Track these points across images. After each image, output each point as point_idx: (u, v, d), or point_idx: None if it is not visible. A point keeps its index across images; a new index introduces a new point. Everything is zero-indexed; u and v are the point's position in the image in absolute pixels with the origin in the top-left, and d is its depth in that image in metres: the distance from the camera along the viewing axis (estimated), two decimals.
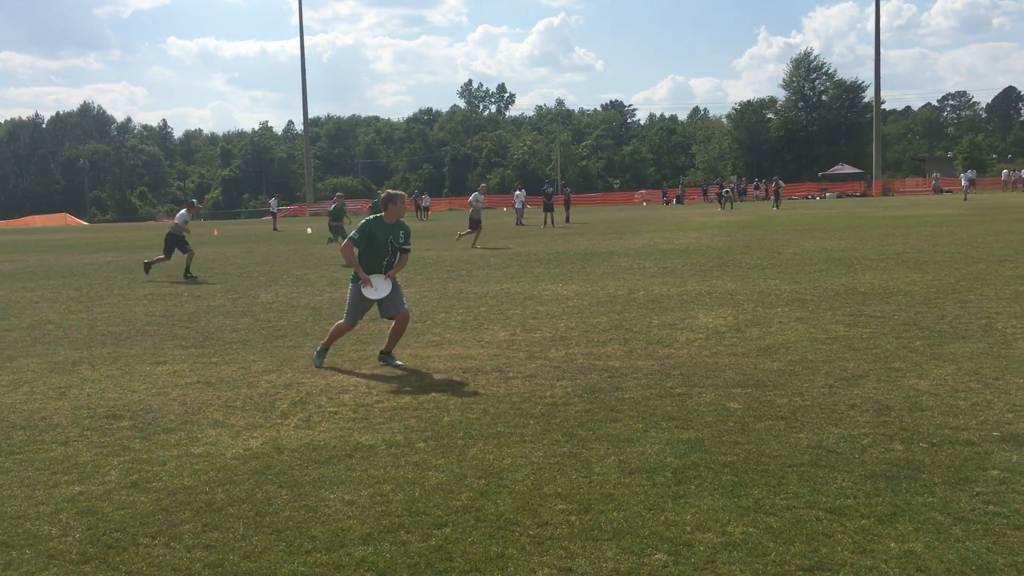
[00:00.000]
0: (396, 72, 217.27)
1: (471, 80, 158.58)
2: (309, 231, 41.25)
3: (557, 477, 4.96)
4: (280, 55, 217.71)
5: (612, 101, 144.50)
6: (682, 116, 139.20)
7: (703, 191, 72.50)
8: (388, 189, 8.62)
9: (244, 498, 4.80)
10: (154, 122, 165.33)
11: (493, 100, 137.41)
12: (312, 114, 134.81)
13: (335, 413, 6.56)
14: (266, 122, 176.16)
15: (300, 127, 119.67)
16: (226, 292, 15.44)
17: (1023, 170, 71.17)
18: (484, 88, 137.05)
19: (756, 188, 70.03)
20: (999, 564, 3.73)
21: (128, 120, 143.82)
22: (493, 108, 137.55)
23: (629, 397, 6.69)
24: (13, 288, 17.67)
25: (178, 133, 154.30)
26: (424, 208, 56.18)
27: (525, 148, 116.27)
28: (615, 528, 4.22)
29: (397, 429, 6.06)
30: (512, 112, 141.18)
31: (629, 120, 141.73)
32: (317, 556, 4.03)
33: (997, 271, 13.95)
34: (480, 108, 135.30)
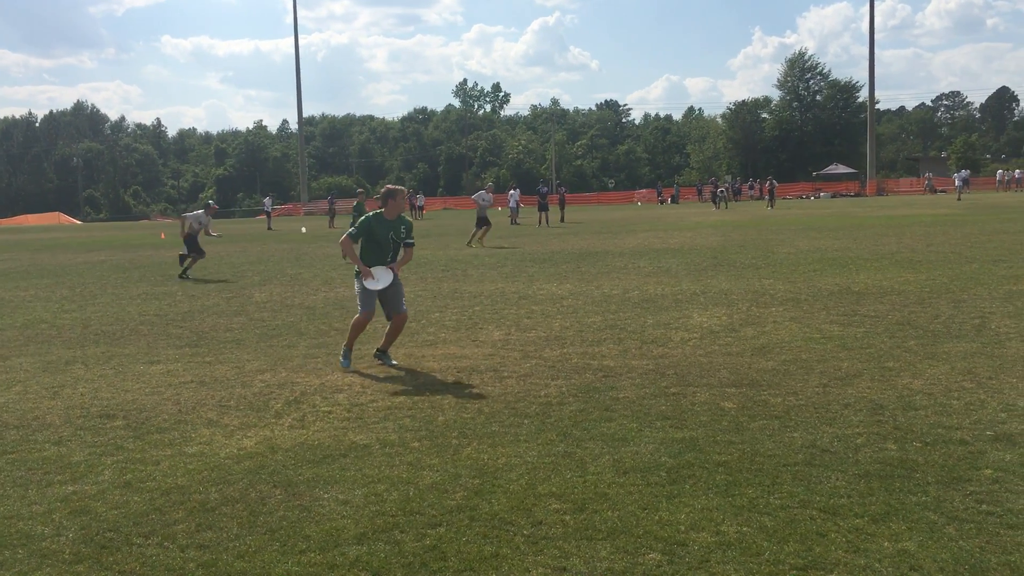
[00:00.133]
0: (391, 71, 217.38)
1: (466, 79, 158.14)
2: (304, 230, 41.21)
3: (551, 476, 4.96)
4: (274, 54, 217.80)
5: (607, 100, 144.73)
6: (677, 116, 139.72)
7: (698, 191, 72.59)
8: (388, 184, 8.53)
9: (238, 498, 4.79)
10: (148, 121, 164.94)
11: (488, 99, 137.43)
12: (307, 113, 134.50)
13: (329, 412, 6.55)
14: (260, 121, 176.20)
15: (294, 126, 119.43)
16: (220, 291, 15.41)
17: (1016, 170, 71.30)
18: (479, 87, 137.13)
19: (751, 188, 70.14)
20: (992, 563, 3.73)
21: (122, 119, 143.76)
22: (488, 107, 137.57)
23: (623, 396, 6.70)
24: (6, 287, 17.62)
25: (172, 132, 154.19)
26: (419, 207, 56.15)
27: (520, 147, 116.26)
28: (609, 527, 4.22)
29: (391, 428, 6.06)
30: (507, 111, 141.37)
31: (624, 120, 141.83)
32: (311, 556, 4.02)
33: (991, 271, 13.99)
34: (475, 107, 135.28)
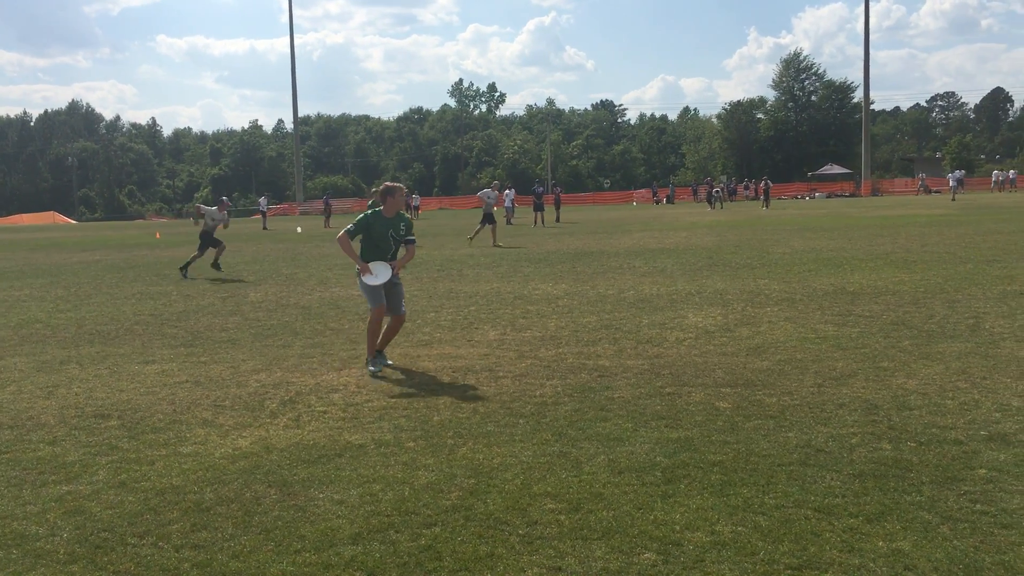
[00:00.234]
0: (386, 71, 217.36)
1: (462, 79, 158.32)
2: (299, 230, 41.15)
3: (547, 476, 4.96)
4: (270, 53, 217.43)
5: (602, 101, 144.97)
6: (672, 116, 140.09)
7: (693, 191, 72.66)
8: (386, 181, 8.45)
9: (233, 498, 4.79)
10: (143, 120, 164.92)
11: (483, 99, 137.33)
12: (302, 113, 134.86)
13: (324, 412, 6.55)
14: (256, 121, 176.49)
15: (290, 126, 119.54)
16: (215, 291, 15.39)
17: (1011, 171, 71.50)
18: (475, 87, 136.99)
19: (746, 188, 70.23)
20: (986, 563, 3.74)
21: (117, 118, 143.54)
22: (483, 107, 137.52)
23: (619, 396, 6.70)
24: (1, 287, 17.56)
25: (167, 131, 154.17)
26: (415, 207, 56.12)
27: (515, 147, 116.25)
28: (604, 527, 4.22)
29: (387, 428, 6.06)
30: (502, 111, 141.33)
31: (619, 120, 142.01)
32: (306, 556, 4.02)
33: (985, 271, 14.02)
34: (470, 107, 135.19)
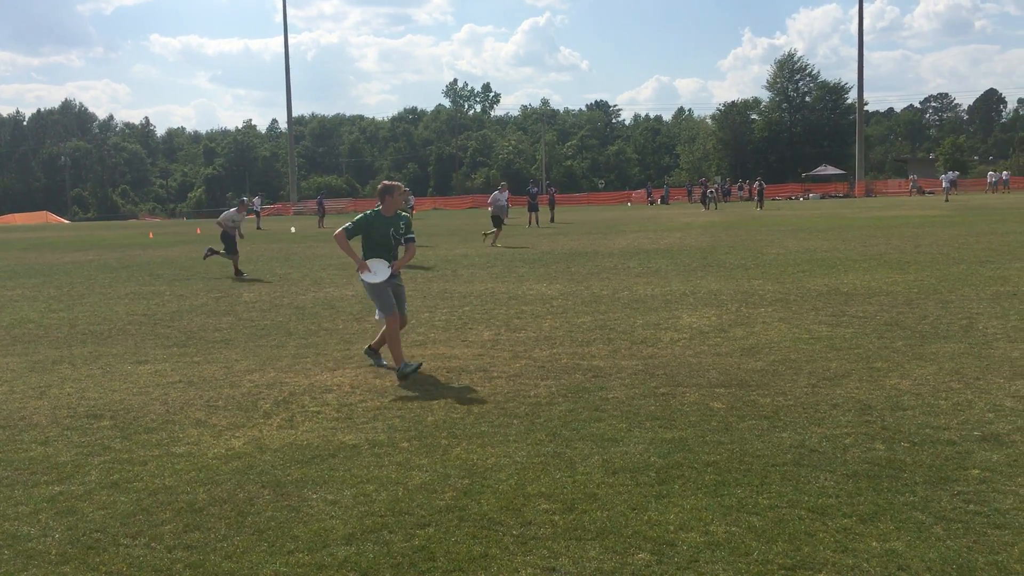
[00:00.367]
0: (381, 71, 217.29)
1: (456, 79, 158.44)
2: (293, 230, 41.10)
3: (541, 477, 4.96)
4: (264, 53, 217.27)
5: (597, 101, 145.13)
6: (667, 116, 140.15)
7: (688, 191, 72.70)
8: (384, 180, 8.38)
9: (226, 498, 4.77)
10: (136, 120, 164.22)
11: (478, 99, 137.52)
12: (296, 112, 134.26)
13: (318, 413, 6.53)
14: (250, 120, 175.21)
15: (284, 125, 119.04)
16: (209, 291, 15.35)
17: (1004, 172, 71.73)
18: (469, 87, 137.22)
19: (740, 189, 70.31)
20: (979, 563, 3.75)
21: (110, 118, 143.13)
22: (478, 107, 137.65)
23: (613, 397, 6.70)
24: None
25: (161, 131, 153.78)
26: (409, 208, 56.11)
27: (510, 148, 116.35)
28: (598, 527, 4.22)
29: (380, 429, 6.04)
30: (497, 112, 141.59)
31: (614, 120, 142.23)
32: (299, 556, 4.01)
33: (978, 272, 14.06)
34: (465, 107, 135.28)
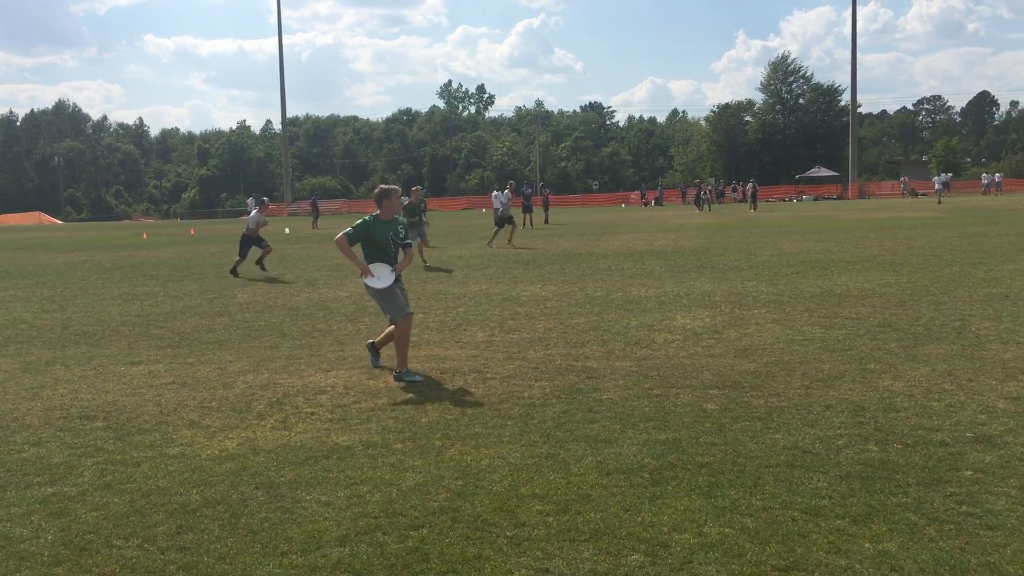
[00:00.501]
0: (375, 72, 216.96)
1: (450, 80, 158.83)
2: (287, 231, 41.03)
3: (535, 478, 4.96)
4: (258, 54, 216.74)
5: (591, 103, 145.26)
6: (661, 118, 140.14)
7: (682, 193, 72.81)
8: (381, 184, 8.30)
9: (219, 499, 4.77)
10: (130, 120, 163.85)
11: (472, 101, 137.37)
12: (290, 113, 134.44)
13: (312, 414, 6.53)
14: (244, 121, 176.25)
15: (278, 126, 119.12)
16: (202, 292, 15.32)
17: (996, 174, 71.99)
18: (463, 89, 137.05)
19: (734, 191, 70.49)
20: (972, 564, 3.76)
21: (104, 118, 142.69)
22: (472, 109, 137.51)
23: (607, 398, 6.71)
24: None
25: (154, 132, 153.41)
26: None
27: (504, 149, 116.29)
28: (592, 529, 4.22)
29: (374, 430, 6.04)
30: (491, 113, 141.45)
31: (608, 122, 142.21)
32: (293, 558, 4.01)
33: (971, 274, 14.10)
34: (459, 109, 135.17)
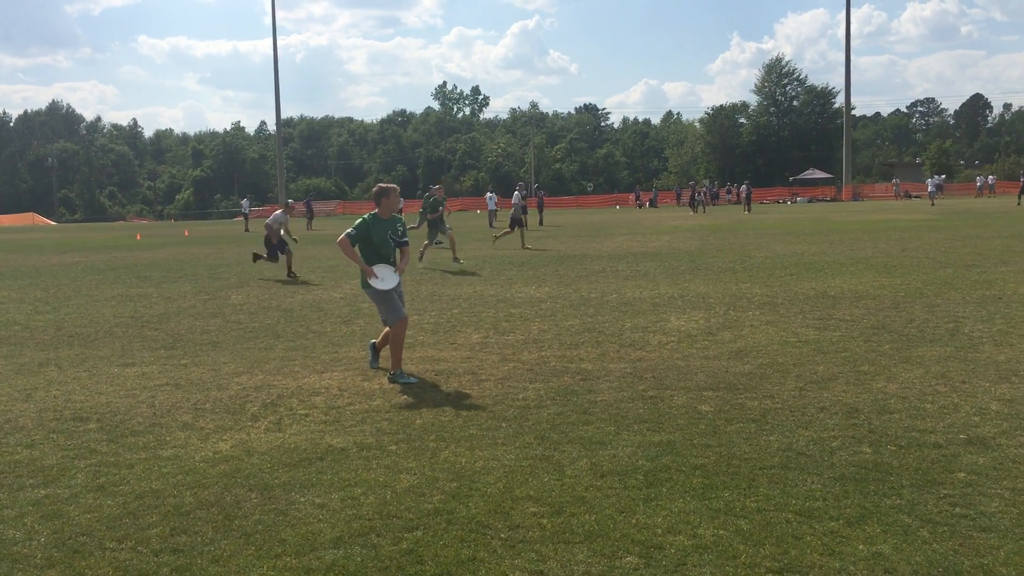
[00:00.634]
0: (370, 73, 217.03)
1: (445, 82, 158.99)
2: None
3: (529, 480, 4.95)
4: (252, 55, 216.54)
5: (586, 104, 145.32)
6: (655, 120, 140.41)
7: (676, 195, 72.90)
8: (380, 183, 8.27)
9: (213, 502, 4.75)
10: (124, 121, 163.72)
11: (467, 102, 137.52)
12: (285, 115, 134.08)
13: (306, 416, 6.52)
14: (238, 122, 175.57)
15: (272, 127, 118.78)
16: (196, 293, 15.29)
17: (989, 176, 72.21)
18: (458, 90, 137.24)
19: (728, 192, 70.63)
20: (966, 566, 3.77)
21: (97, 119, 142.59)
22: (467, 110, 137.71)
23: (601, 400, 6.71)
24: None
25: (148, 133, 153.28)
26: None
27: (499, 150, 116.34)
28: (587, 531, 4.22)
29: (369, 432, 6.03)
30: (486, 114, 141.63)
31: (603, 123, 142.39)
32: (287, 560, 4.00)
33: (964, 276, 14.14)
34: (454, 110, 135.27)
